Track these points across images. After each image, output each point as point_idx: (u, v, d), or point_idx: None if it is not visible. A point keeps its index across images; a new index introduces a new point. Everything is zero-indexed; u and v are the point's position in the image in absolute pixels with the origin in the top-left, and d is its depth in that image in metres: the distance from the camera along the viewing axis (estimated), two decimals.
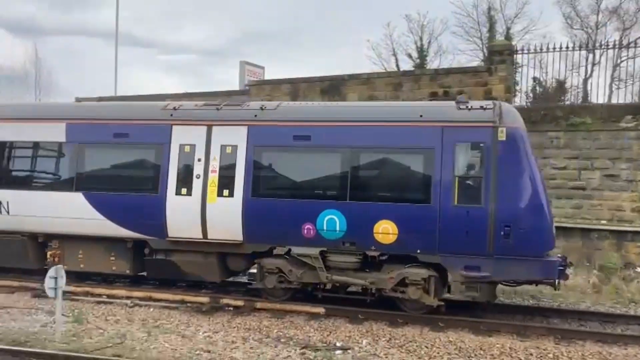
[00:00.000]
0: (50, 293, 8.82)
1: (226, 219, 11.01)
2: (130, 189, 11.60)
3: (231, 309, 11.06)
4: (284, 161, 11.16)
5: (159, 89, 62.85)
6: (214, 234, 11.14)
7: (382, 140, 10.52)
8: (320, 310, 10.82)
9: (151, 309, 10.92)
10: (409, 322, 10.34)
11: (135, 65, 59.18)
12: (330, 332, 9.74)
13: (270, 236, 11.03)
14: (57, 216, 11.71)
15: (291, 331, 9.75)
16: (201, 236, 11.20)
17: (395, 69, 33.25)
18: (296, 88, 21.72)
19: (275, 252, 11.31)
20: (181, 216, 11.22)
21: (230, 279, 13.01)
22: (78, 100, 21.46)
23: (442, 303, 10.49)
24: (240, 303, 11.22)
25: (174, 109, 11.84)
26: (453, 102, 10.85)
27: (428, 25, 35.90)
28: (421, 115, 10.51)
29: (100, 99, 22.05)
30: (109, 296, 11.60)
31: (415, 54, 35.88)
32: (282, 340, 9.22)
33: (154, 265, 11.89)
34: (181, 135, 11.46)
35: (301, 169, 11.07)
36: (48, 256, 12.13)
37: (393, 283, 10.38)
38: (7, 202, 12.06)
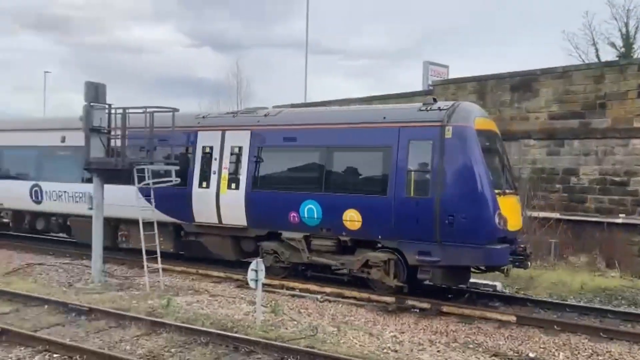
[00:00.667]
0: (252, 284, 9.67)
1: (234, 207, 13.20)
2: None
3: (417, 310, 11.05)
4: (276, 159, 13.17)
5: (343, 93, 65.19)
6: (226, 220, 13.44)
7: (351, 141, 12.18)
8: (511, 318, 10.35)
9: (340, 305, 11.36)
10: (614, 337, 9.39)
11: (321, 72, 62.19)
12: (522, 342, 9.23)
13: (266, 222, 13.00)
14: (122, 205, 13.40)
15: (479, 337, 9.44)
16: (217, 221, 13.54)
17: (596, 60, 30.36)
18: (483, 86, 20.99)
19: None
20: (203, 205, 13.64)
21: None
22: (275, 107, 23.25)
23: (403, 284, 11.57)
24: (426, 305, 11.15)
25: (203, 117, 14.43)
26: (421, 104, 11.88)
27: (635, 10, 32.18)
28: (384, 118, 11.91)
29: (292, 105, 23.58)
30: (301, 290, 12.31)
31: (619, 42, 32.43)
32: (470, 346, 8.97)
33: (188, 245, 14.50)
34: (204, 139, 13.91)
35: (288, 165, 13.20)
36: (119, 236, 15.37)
37: (359, 265, 11.91)
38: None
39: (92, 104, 12.56)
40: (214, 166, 13.65)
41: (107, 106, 12.81)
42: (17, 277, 12.97)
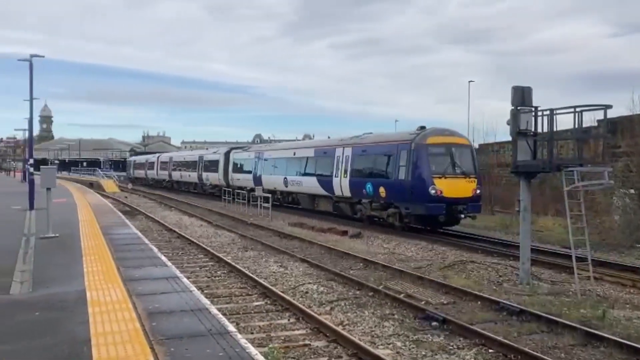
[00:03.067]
0: None
1: (345, 186, 24.51)
2: (323, 175, 26.20)
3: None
4: (358, 161, 24.01)
5: None
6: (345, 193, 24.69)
7: (380, 150, 22.79)
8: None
9: None
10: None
11: None
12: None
13: (355, 195, 23.99)
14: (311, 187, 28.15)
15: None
16: (342, 194, 24.69)
17: None
18: None
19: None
20: (338, 186, 24.81)
21: None
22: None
23: (402, 225, 21.35)
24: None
25: (340, 140, 26.61)
26: (412, 130, 21.88)
27: None
28: (395, 138, 22.49)
29: None
30: None
31: None
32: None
33: (335, 207, 25.89)
34: (339, 151, 25.32)
35: (362, 165, 23.85)
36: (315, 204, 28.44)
37: (386, 215, 22.01)
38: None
39: (518, 107, 12.75)
40: (340, 166, 24.85)
41: (533, 109, 12.80)
42: (452, 272, 14.19)
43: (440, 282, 12.65)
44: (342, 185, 24.42)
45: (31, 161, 27.52)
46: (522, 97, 12.76)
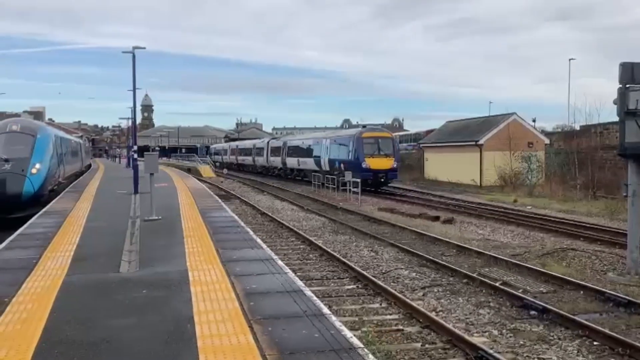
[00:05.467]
0: None
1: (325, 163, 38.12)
2: (316, 157, 39.52)
3: None
4: (334, 148, 37.05)
5: None
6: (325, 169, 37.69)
7: (341, 141, 36.17)
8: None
9: None
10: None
11: None
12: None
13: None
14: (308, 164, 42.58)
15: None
16: (326, 169, 37.51)
17: None
18: None
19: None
20: (324, 164, 37.90)
21: None
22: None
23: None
24: None
25: (325, 135, 42.68)
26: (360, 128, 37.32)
27: None
28: (348, 134, 36.76)
29: None
30: None
31: None
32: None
33: (325, 178, 34.45)
34: (323, 142, 39.16)
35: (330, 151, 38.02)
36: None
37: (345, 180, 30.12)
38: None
39: (627, 85, 11.88)
40: (323, 151, 38.20)
41: None
42: (552, 260, 13.57)
43: (538, 269, 12.15)
44: (324, 164, 37.47)
45: (135, 148, 29.23)
46: (631, 73, 11.87)
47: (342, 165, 34.18)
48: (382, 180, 33.01)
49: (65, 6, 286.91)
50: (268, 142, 54.70)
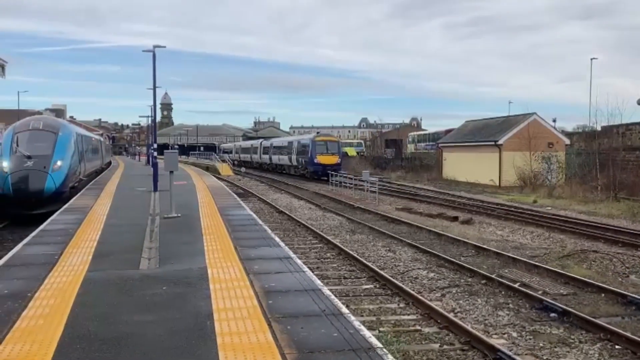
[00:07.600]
0: None
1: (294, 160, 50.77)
2: (289, 154, 51.94)
3: None
4: (300, 148, 48.74)
5: None
6: (294, 164, 50.94)
7: (303, 143, 48.59)
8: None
9: None
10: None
11: None
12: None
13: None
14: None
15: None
16: (295, 164, 50.17)
17: None
18: None
19: None
20: (294, 160, 50.20)
21: None
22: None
23: (308, 176, 46.05)
24: None
25: (294, 137, 60.69)
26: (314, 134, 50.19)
27: None
28: (307, 138, 48.81)
29: None
30: None
31: None
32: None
33: (295, 171, 50.65)
34: (294, 143, 51.94)
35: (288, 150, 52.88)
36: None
37: (304, 172, 46.83)
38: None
39: None
40: (293, 150, 50.88)
41: None
42: (572, 262, 13.42)
43: (558, 271, 12.02)
44: (294, 160, 48.71)
45: (155, 146, 29.46)
46: None
47: (303, 160, 46.62)
48: (330, 172, 39.11)
49: (89, 5, 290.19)
50: (261, 143, 66.30)
